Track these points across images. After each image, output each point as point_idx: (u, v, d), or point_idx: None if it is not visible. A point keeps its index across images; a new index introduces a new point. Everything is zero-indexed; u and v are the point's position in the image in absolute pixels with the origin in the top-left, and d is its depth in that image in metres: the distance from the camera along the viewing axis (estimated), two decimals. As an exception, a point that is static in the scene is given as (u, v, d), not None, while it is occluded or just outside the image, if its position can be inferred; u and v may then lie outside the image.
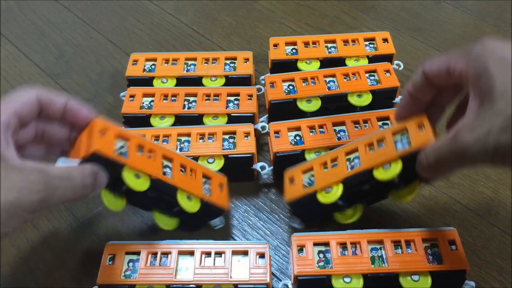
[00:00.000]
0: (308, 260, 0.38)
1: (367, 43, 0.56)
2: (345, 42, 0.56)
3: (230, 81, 0.53)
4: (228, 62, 0.55)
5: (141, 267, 0.38)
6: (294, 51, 0.55)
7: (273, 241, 0.44)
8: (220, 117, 0.49)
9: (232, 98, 0.50)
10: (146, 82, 0.53)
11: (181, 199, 0.39)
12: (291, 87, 0.51)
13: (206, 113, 0.49)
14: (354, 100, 0.50)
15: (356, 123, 0.47)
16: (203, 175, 0.42)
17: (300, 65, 0.54)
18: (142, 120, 0.49)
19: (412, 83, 0.38)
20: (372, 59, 0.54)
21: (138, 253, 0.39)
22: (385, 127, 0.46)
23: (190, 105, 0.50)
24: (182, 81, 0.53)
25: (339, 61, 0.54)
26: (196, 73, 0.54)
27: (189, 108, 0.50)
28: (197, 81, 0.53)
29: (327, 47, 0.56)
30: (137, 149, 0.37)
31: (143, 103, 0.50)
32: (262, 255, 0.38)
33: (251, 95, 0.50)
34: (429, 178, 0.37)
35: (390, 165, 0.37)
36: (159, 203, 0.40)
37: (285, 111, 0.50)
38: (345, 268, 0.37)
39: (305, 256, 0.38)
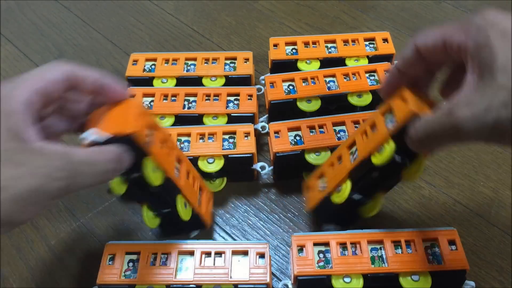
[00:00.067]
0: (308, 260, 0.38)
1: (367, 43, 0.56)
2: (345, 42, 0.56)
3: (230, 81, 0.53)
4: (228, 62, 0.55)
5: (141, 267, 0.38)
6: (294, 51, 0.55)
7: (273, 241, 0.44)
8: (220, 117, 0.49)
9: (232, 98, 0.50)
10: (146, 82, 0.53)
11: (180, 204, 0.38)
12: (291, 87, 0.51)
13: (206, 113, 0.49)
14: (354, 100, 0.50)
15: (356, 123, 0.47)
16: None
17: (300, 65, 0.54)
18: (142, 120, 0.49)
19: (402, 58, 0.35)
20: (372, 59, 0.54)
21: (138, 253, 0.39)
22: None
23: (190, 105, 0.50)
24: (182, 81, 0.53)
25: (339, 61, 0.54)
26: (196, 73, 0.54)
27: (189, 108, 0.50)
28: (197, 81, 0.53)
29: (327, 47, 0.56)
30: (161, 142, 0.36)
31: (143, 103, 0.50)
32: (262, 255, 0.38)
33: (251, 95, 0.50)
34: (419, 152, 0.35)
35: (383, 147, 0.35)
36: (154, 201, 0.38)
37: (285, 111, 0.50)
38: (345, 268, 0.37)
39: (305, 256, 0.38)
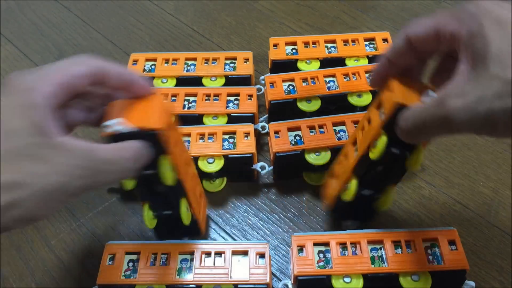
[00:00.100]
0: (308, 260, 0.38)
1: (367, 43, 0.56)
2: (345, 42, 0.56)
3: (230, 81, 0.53)
4: (228, 62, 0.55)
5: (141, 267, 0.38)
6: (294, 51, 0.55)
7: (273, 241, 0.44)
8: (220, 117, 0.49)
9: (232, 98, 0.50)
10: (146, 82, 0.53)
11: (183, 208, 0.38)
12: (291, 87, 0.51)
13: (206, 113, 0.49)
14: (354, 100, 0.50)
15: (356, 123, 0.47)
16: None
17: (300, 65, 0.54)
18: (142, 120, 0.49)
19: (392, 49, 0.34)
20: (372, 59, 0.54)
21: (138, 253, 0.39)
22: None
23: (190, 105, 0.50)
24: (182, 81, 0.53)
25: (339, 61, 0.54)
26: (196, 73, 0.54)
27: (189, 108, 0.50)
28: (197, 81, 0.53)
29: (327, 47, 0.56)
30: (175, 143, 0.35)
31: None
32: (262, 255, 0.38)
33: (251, 95, 0.50)
34: (408, 142, 0.33)
35: (378, 141, 0.35)
36: (159, 201, 0.38)
37: (285, 111, 0.50)
38: (345, 268, 0.37)
39: (305, 256, 0.38)
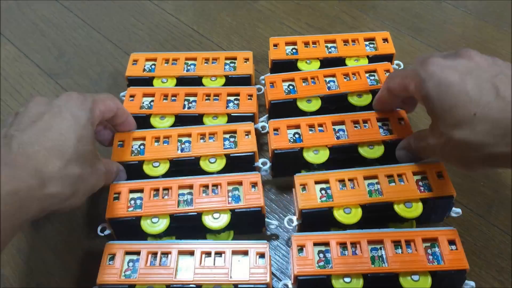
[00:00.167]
0: (308, 260, 0.38)
1: (367, 43, 0.56)
2: (345, 42, 0.56)
3: (230, 81, 0.53)
4: (228, 62, 0.55)
5: (141, 267, 0.38)
6: (294, 51, 0.55)
7: (273, 241, 0.44)
8: (220, 117, 0.49)
9: (232, 98, 0.50)
10: (146, 82, 0.53)
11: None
12: (291, 87, 0.51)
13: (206, 113, 0.49)
14: (354, 100, 0.50)
15: (355, 122, 0.47)
16: None
17: (300, 65, 0.54)
18: (142, 120, 0.49)
19: (378, 98, 0.46)
20: (372, 59, 0.54)
21: (138, 253, 0.39)
22: (385, 128, 0.46)
23: (190, 105, 0.50)
24: (182, 81, 0.53)
25: (339, 61, 0.54)
26: (196, 73, 0.54)
27: (189, 108, 0.50)
28: (197, 81, 0.53)
29: (327, 47, 0.56)
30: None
31: (143, 103, 0.50)
32: (262, 255, 0.38)
33: (251, 95, 0.50)
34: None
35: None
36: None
37: (285, 111, 0.49)
38: (345, 268, 0.37)
39: (305, 256, 0.38)
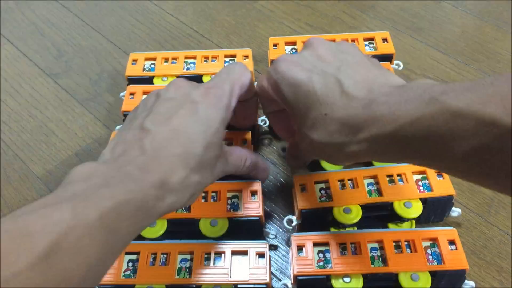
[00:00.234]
0: (307, 260, 0.38)
1: (367, 43, 0.56)
2: (345, 42, 0.56)
3: (230, 81, 0.53)
4: (227, 59, 0.55)
5: (140, 267, 0.38)
6: (294, 51, 0.55)
7: (273, 241, 0.44)
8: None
9: (232, 98, 0.50)
10: (146, 81, 0.53)
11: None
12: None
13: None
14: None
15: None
16: None
17: (300, 65, 0.54)
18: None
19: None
20: (372, 59, 0.54)
21: (137, 253, 0.39)
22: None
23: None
24: (182, 81, 0.53)
25: (339, 61, 0.54)
26: (196, 72, 0.54)
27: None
28: (197, 80, 0.53)
29: (327, 47, 0.56)
30: None
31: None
32: (261, 255, 0.38)
33: (251, 95, 0.50)
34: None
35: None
36: None
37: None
38: (345, 268, 0.37)
39: (304, 256, 0.38)
